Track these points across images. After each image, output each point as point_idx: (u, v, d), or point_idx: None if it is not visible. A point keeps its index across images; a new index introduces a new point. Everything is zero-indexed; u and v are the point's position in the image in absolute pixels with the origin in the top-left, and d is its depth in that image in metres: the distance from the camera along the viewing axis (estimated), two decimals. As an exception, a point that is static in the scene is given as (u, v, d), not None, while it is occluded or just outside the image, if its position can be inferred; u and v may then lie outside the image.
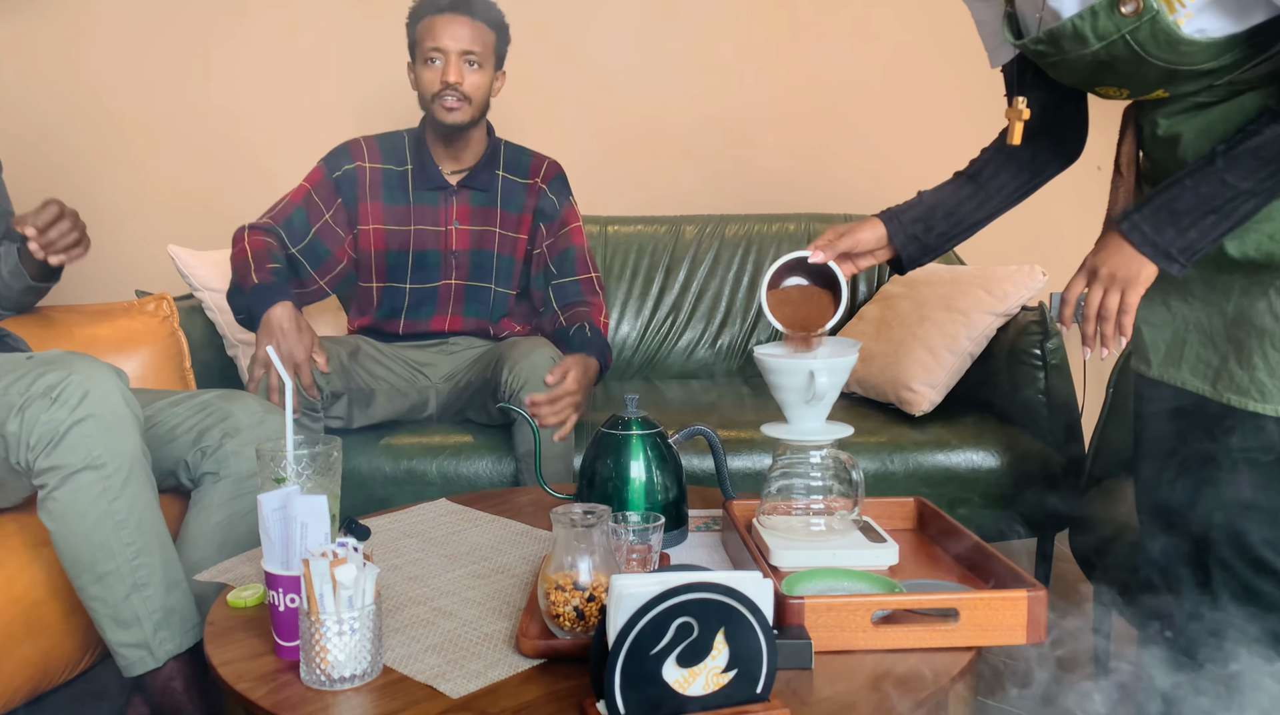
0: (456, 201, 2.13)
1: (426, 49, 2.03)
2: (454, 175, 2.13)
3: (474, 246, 2.14)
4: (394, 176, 2.12)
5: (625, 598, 0.87)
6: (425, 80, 2.04)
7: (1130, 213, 1.18)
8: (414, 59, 2.08)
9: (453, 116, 2.03)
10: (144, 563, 1.39)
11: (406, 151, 2.14)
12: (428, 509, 1.61)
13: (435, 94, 2.03)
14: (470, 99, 2.04)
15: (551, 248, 2.16)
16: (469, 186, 2.13)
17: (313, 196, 2.08)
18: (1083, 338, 1.21)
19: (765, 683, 0.92)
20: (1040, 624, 1.11)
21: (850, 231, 1.40)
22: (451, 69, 2.01)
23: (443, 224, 2.12)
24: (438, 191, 2.12)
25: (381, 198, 2.11)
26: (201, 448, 1.57)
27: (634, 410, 1.46)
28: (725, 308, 2.62)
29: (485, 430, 2.04)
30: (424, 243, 2.11)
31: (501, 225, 2.15)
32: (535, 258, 2.17)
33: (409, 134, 2.17)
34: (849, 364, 1.31)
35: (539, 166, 2.19)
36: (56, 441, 1.34)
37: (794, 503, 1.33)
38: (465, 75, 2.03)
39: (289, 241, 2.03)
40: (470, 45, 2.02)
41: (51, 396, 1.35)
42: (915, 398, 2.14)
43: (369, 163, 2.12)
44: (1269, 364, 1.17)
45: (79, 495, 1.35)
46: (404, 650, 1.09)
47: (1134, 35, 1.09)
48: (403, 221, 2.11)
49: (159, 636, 1.39)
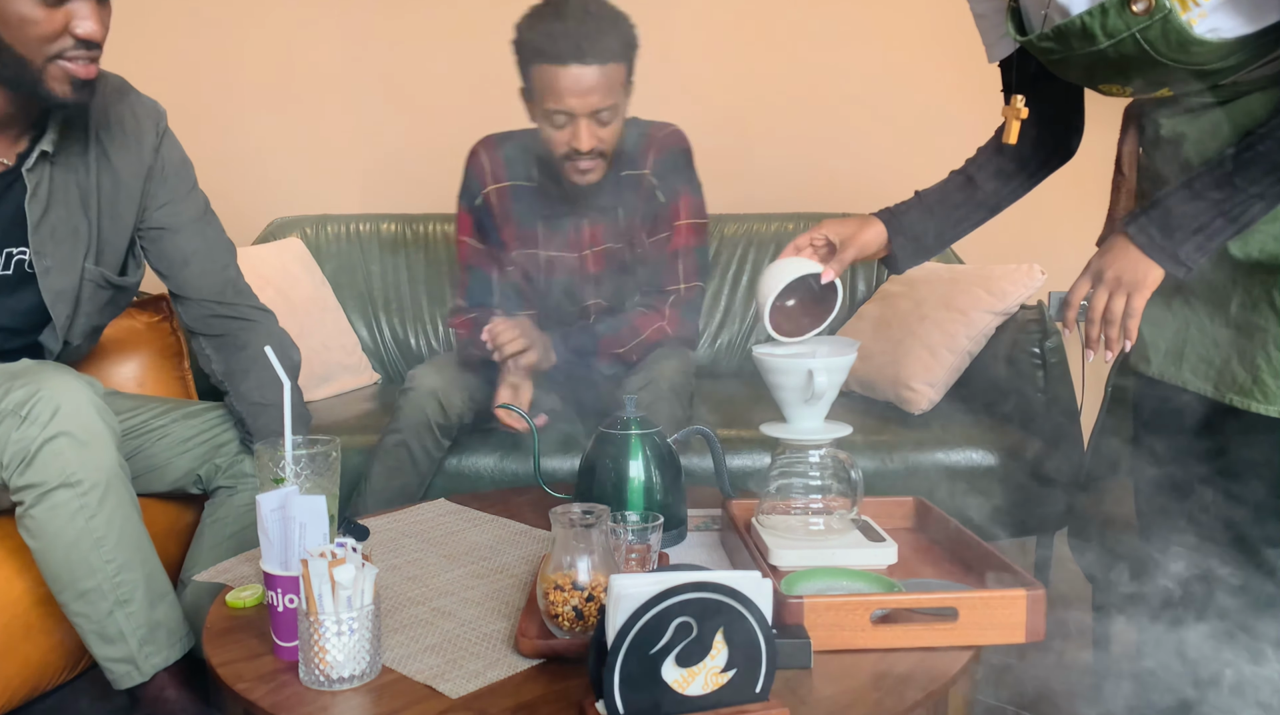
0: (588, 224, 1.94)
1: (548, 107, 1.74)
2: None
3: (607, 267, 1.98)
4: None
5: (624, 597, 0.87)
6: (550, 137, 1.78)
7: (1137, 216, 1.17)
8: (529, 98, 1.80)
9: (587, 178, 1.81)
10: (126, 579, 1.36)
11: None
12: (426, 509, 1.61)
13: (565, 155, 1.78)
14: (605, 154, 1.80)
15: (652, 249, 1.95)
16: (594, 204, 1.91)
17: (469, 245, 1.96)
18: (1086, 340, 1.21)
19: (764, 682, 0.92)
20: (1039, 623, 1.11)
21: (853, 239, 1.38)
22: (583, 136, 1.74)
23: (576, 250, 1.96)
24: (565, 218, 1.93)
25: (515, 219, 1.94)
26: (216, 462, 1.56)
27: (633, 410, 1.46)
28: (724, 307, 2.62)
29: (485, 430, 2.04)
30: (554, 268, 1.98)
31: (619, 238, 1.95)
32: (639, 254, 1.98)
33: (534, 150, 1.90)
34: (848, 363, 1.31)
35: (649, 150, 1.91)
36: (29, 460, 1.31)
37: (793, 502, 1.33)
38: (598, 134, 1.76)
39: (481, 299, 1.96)
40: (601, 102, 1.73)
41: (21, 414, 1.31)
42: (914, 397, 2.14)
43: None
44: (1271, 365, 1.17)
45: (55, 513, 1.32)
46: (403, 650, 1.09)
47: (1144, 34, 1.08)
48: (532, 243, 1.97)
49: (144, 651, 1.38)
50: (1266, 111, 1.12)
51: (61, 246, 1.47)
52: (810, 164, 2.84)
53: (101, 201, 1.50)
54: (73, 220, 1.48)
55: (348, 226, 2.64)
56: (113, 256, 1.54)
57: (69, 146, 1.47)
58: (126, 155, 1.52)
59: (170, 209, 1.57)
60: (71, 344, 1.55)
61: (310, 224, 2.63)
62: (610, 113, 1.76)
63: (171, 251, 1.58)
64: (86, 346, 1.64)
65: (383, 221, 2.66)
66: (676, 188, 1.92)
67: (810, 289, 1.38)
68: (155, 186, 1.56)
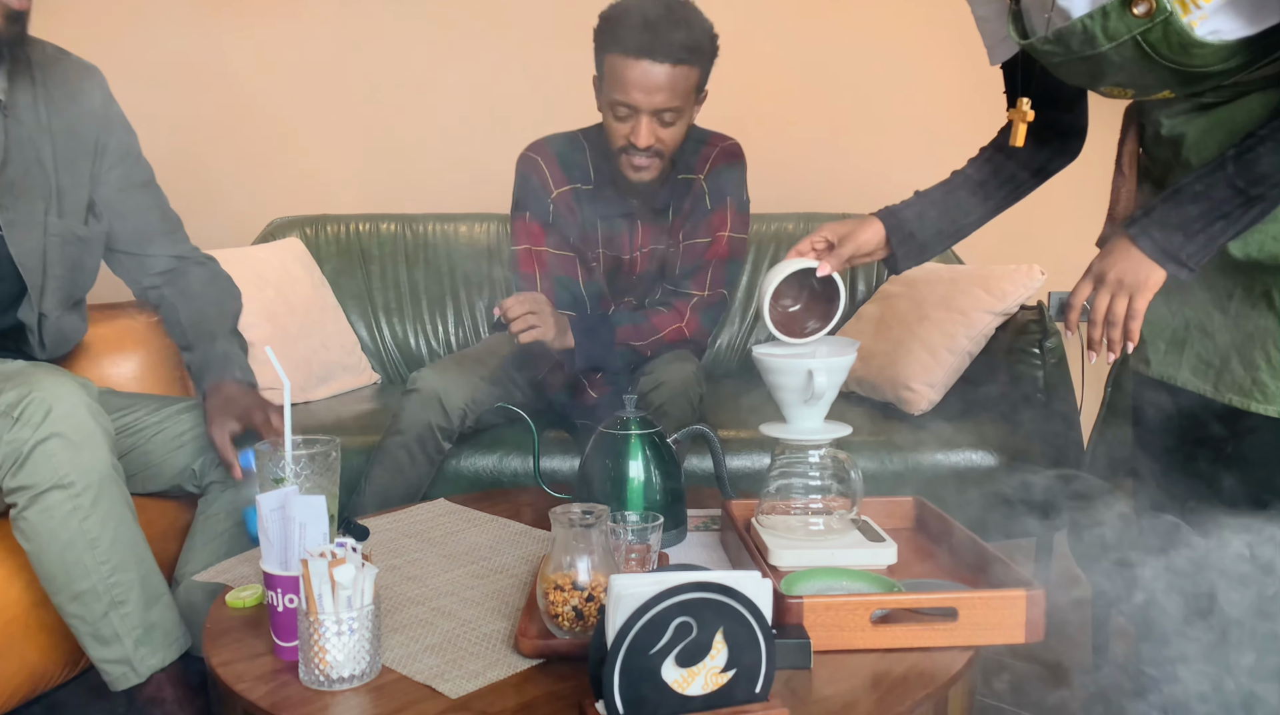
0: (641, 223, 1.94)
1: (614, 97, 1.74)
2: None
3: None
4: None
5: (624, 597, 0.87)
6: (611, 128, 1.78)
7: (1139, 217, 1.17)
8: (598, 86, 1.81)
9: (640, 175, 1.81)
10: (120, 581, 1.36)
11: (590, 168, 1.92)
12: (426, 509, 1.61)
13: (622, 148, 1.79)
14: (662, 154, 1.79)
15: (686, 252, 1.94)
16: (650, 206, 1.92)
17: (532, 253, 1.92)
18: (1089, 342, 1.21)
19: (764, 682, 0.92)
20: (1039, 623, 1.11)
21: (851, 236, 1.38)
22: (642, 132, 1.73)
23: (627, 251, 1.96)
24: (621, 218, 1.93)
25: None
26: (209, 456, 1.56)
27: (633, 410, 1.46)
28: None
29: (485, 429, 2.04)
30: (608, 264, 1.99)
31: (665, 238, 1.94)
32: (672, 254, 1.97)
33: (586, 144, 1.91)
34: (847, 363, 1.31)
35: (707, 157, 1.91)
36: (21, 462, 1.31)
37: (793, 502, 1.33)
38: (658, 134, 1.76)
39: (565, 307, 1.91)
40: (666, 103, 1.72)
41: (13, 415, 1.31)
42: (914, 397, 2.14)
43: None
44: (1271, 365, 1.17)
45: (48, 515, 1.32)
46: (403, 650, 1.09)
47: (1145, 36, 1.08)
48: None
49: (140, 652, 1.37)
50: (1267, 111, 1.12)
51: (21, 199, 1.50)
52: (810, 164, 2.84)
53: (57, 153, 1.54)
54: (31, 172, 1.52)
55: (347, 227, 2.64)
56: (74, 209, 1.58)
57: (18, 98, 1.51)
58: (76, 109, 1.58)
59: (124, 169, 1.65)
60: (49, 318, 1.57)
61: (310, 224, 2.63)
62: (674, 114, 1.75)
63: (125, 206, 1.65)
64: (70, 329, 1.65)
65: (382, 222, 2.66)
66: (725, 198, 1.92)
67: (813, 289, 1.38)
68: (109, 139, 1.63)
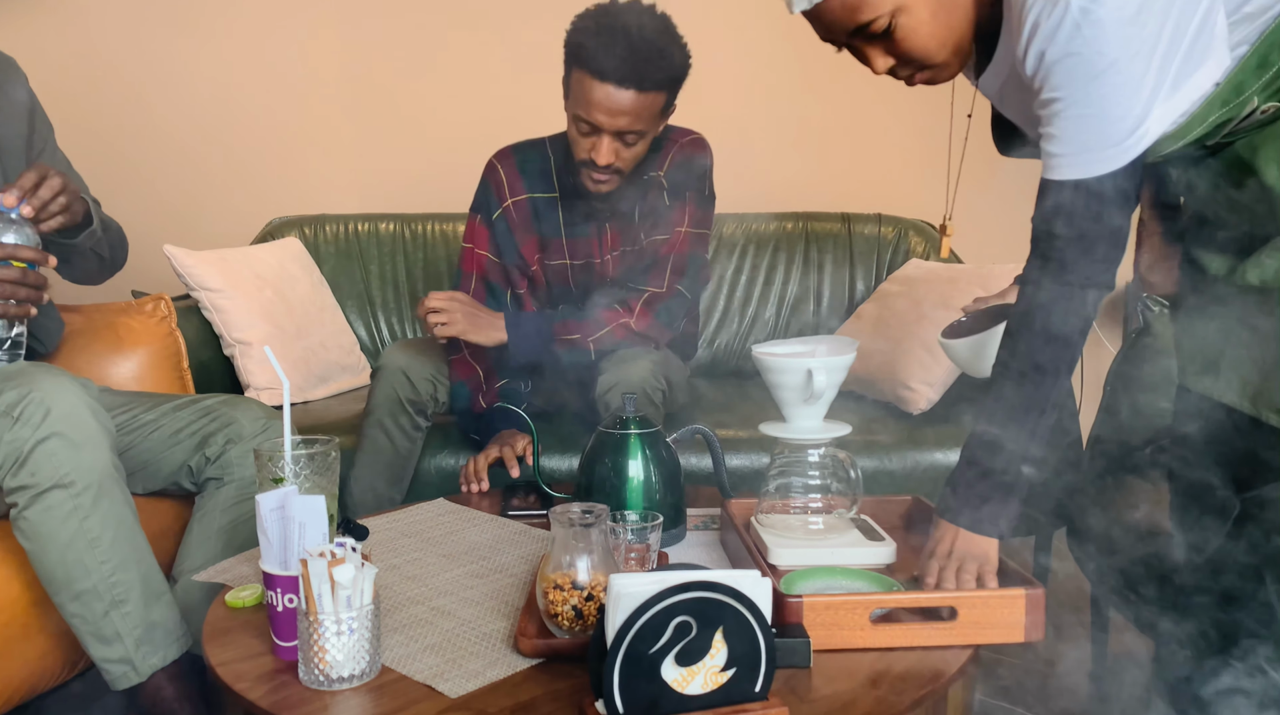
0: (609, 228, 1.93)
1: (577, 112, 1.73)
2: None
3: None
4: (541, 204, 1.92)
5: (624, 597, 0.87)
6: (574, 138, 1.77)
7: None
8: (565, 93, 1.78)
9: (599, 188, 1.80)
10: (121, 580, 1.36)
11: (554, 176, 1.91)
12: (425, 508, 1.61)
13: (583, 161, 1.77)
14: (622, 171, 1.78)
15: (646, 249, 1.90)
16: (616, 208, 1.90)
17: (475, 253, 1.93)
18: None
19: (764, 681, 0.92)
20: (1038, 622, 1.11)
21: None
22: (603, 151, 1.73)
23: (597, 256, 1.95)
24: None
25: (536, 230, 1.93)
26: (205, 453, 1.56)
27: (632, 410, 1.46)
28: (723, 307, 2.62)
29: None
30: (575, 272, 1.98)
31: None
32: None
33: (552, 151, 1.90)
34: (847, 363, 1.31)
35: (667, 153, 1.89)
36: (22, 461, 1.31)
37: (792, 501, 1.33)
38: (619, 153, 1.75)
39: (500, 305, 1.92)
40: (630, 126, 1.71)
41: (13, 415, 1.31)
42: (913, 396, 2.14)
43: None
44: None
45: (49, 515, 1.32)
46: (402, 650, 1.09)
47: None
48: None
49: (141, 651, 1.37)
50: (1250, 156, 1.13)
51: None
52: (808, 164, 2.84)
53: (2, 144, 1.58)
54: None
55: (346, 226, 2.65)
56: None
57: None
58: (7, 101, 1.61)
59: (49, 153, 1.70)
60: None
61: (308, 224, 2.63)
62: (636, 136, 1.74)
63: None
64: (39, 328, 1.65)
65: (381, 221, 2.66)
66: (685, 194, 1.90)
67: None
68: (39, 123, 1.68)
